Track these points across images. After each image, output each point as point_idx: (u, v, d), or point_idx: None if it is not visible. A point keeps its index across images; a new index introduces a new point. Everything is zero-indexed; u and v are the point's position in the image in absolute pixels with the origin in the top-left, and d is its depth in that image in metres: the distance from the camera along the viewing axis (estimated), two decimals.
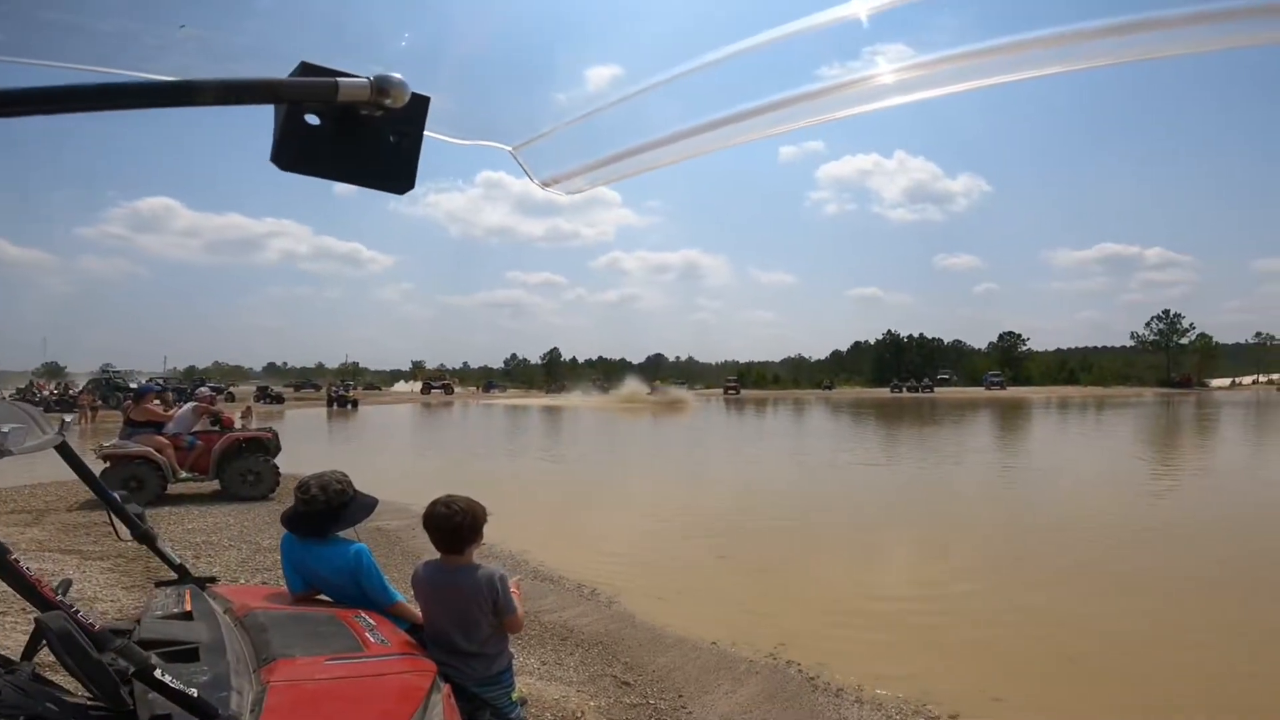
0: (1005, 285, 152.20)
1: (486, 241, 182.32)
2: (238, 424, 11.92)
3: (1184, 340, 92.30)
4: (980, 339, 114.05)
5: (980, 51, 1.19)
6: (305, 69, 0.89)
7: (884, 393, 78.77)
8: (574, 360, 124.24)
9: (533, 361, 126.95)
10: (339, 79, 0.88)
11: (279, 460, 11.27)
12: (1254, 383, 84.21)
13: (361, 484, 2.96)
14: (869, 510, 11.93)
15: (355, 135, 0.93)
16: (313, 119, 0.91)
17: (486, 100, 1.55)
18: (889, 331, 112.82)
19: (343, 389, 56.63)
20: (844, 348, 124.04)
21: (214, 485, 10.88)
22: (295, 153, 0.91)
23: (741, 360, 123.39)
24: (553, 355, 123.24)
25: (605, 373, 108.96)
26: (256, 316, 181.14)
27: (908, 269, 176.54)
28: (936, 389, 78.09)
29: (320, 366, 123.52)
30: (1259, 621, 6.19)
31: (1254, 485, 14.80)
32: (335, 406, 49.09)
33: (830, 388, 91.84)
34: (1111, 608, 6.55)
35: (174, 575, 2.69)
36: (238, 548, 7.76)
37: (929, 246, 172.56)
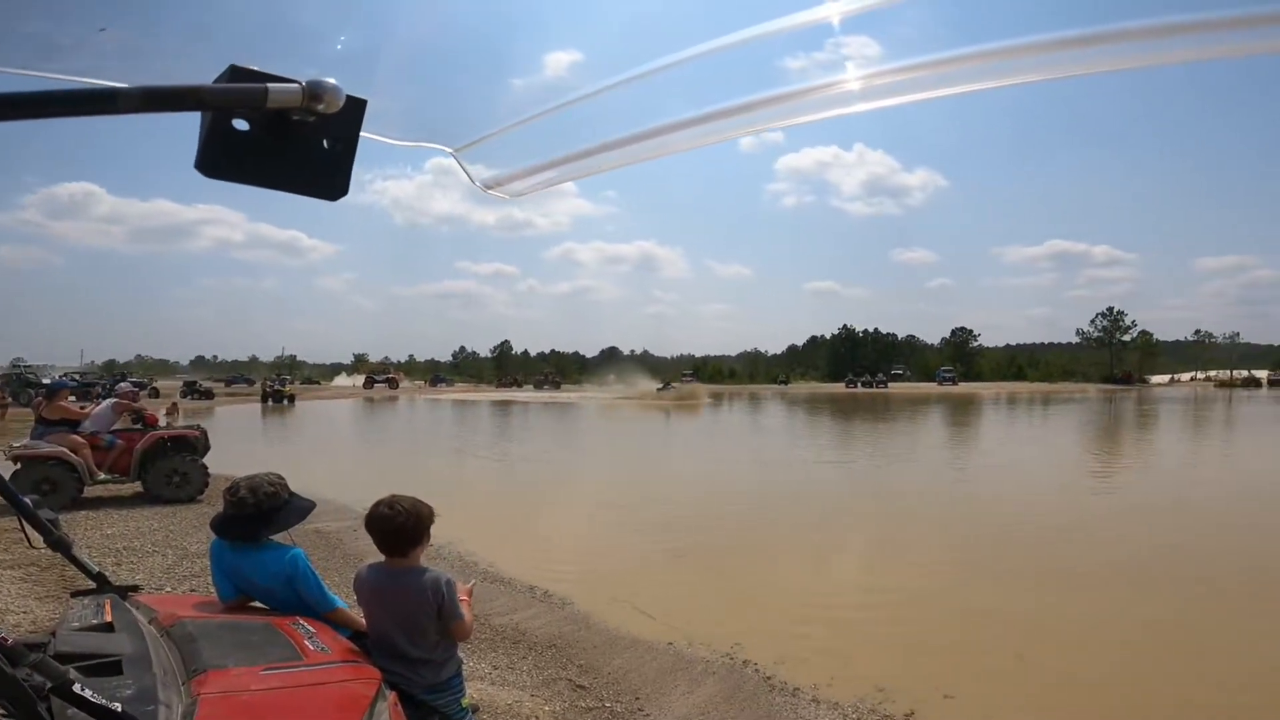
0: (959, 280, 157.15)
1: (435, 230, 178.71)
2: (162, 421, 11.44)
3: (1126, 337, 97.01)
4: (934, 334, 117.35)
5: (946, 60, 1.22)
6: (234, 73, 0.87)
7: (839, 388, 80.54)
8: (526, 353, 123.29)
9: (482, 354, 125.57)
10: (269, 85, 0.86)
11: (208, 460, 10.85)
12: (1192, 379, 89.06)
13: (299, 484, 2.86)
14: (824, 509, 12.16)
15: (286, 141, 0.92)
16: (241, 124, 0.89)
17: (435, 95, 1.53)
18: (845, 326, 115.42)
19: (279, 384, 54.89)
20: (800, 342, 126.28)
21: (136, 487, 10.41)
22: (221, 160, 0.90)
23: (697, 354, 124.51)
24: (504, 348, 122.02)
25: (558, 366, 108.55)
26: (185, 308, 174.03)
27: (864, 263, 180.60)
28: (890, 384, 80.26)
29: (254, 360, 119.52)
30: (1201, 616, 6.53)
31: (1190, 482, 15.66)
32: (270, 402, 47.55)
33: (786, 383, 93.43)
34: (1057, 604, 6.82)
35: (92, 584, 2.58)
36: (162, 554, 7.45)
37: (885, 240, 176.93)
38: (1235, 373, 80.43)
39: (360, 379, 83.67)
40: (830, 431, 28.53)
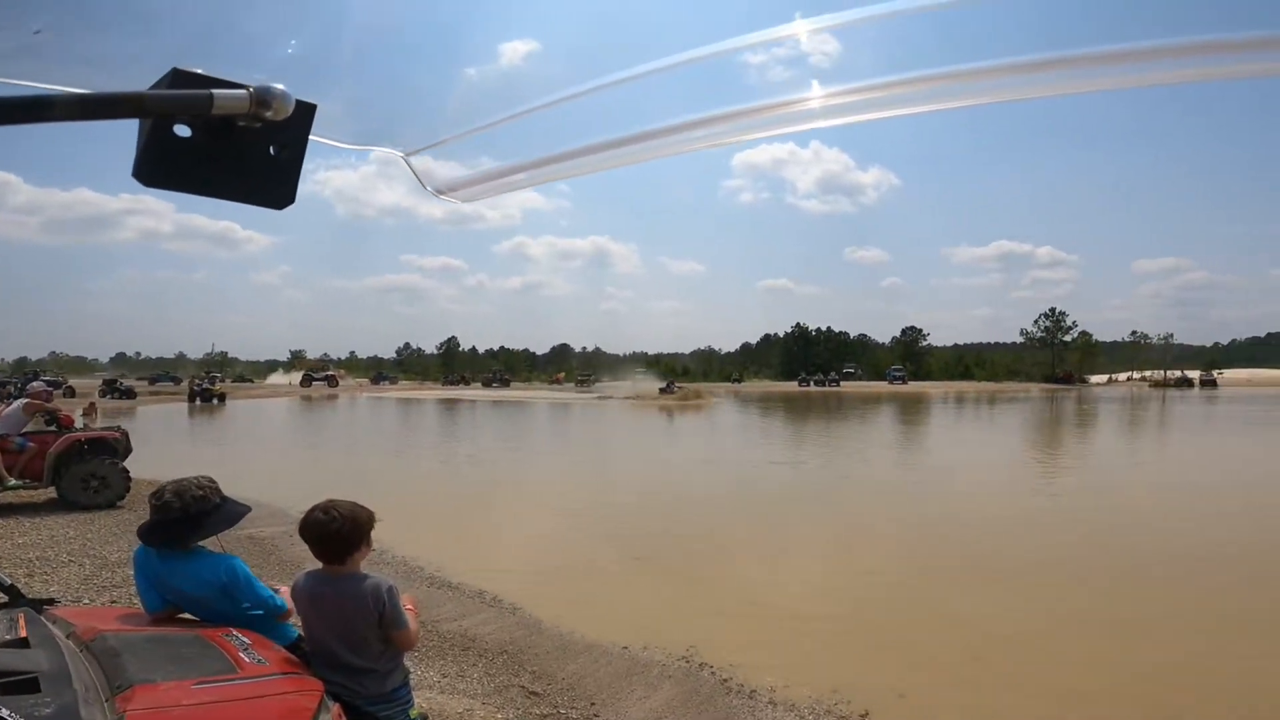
0: (910, 280, 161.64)
1: (380, 222, 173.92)
2: (78, 423, 10.90)
3: (1068, 338, 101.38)
4: (885, 333, 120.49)
5: (905, 81, 1.26)
6: (177, 77, 0.84)
7: (792, 386, 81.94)
8: (474, 350, 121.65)
9: (428, 351, 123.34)
10: (214, 91, 0.83)
11: (129, 463, 10.37)
12: (1128, 379, 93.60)
13: (229, 488, 2.76)
14: (779, 509, 12.35)
15: (230, 147, 0.89)
16: (183, 130, 0.86)
17: (387, 93, 1.50)
18: (798, 324, 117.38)
19: (207, 382, 52.82)
20: (754, 340, 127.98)
21: (50, 493, 9.90)
22: (161, 168, 0.87)
23: (650, 352, 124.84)
24: (450, 345, 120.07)
25: (508, 364, 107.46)
26: (106, 303, 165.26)
27: (818, 261, 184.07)
28: (842, 383, 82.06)
29: (182, 357, 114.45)
30: (1152, 612, 6.85)
31: (1131, 482, 16.47)
32: (198, 402, 45.70)
33: (739, 381, 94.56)
34: (1011, 603, 7.05)
35: (3, 598, 2.48)
36: (79, 564, 7.09)
37: (839, 239, 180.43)
38: (1169, 373, 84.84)
39: (297, 377, 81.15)
40: (784, 431, 28.99)
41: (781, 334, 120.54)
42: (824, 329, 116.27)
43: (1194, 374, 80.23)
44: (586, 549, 9.12)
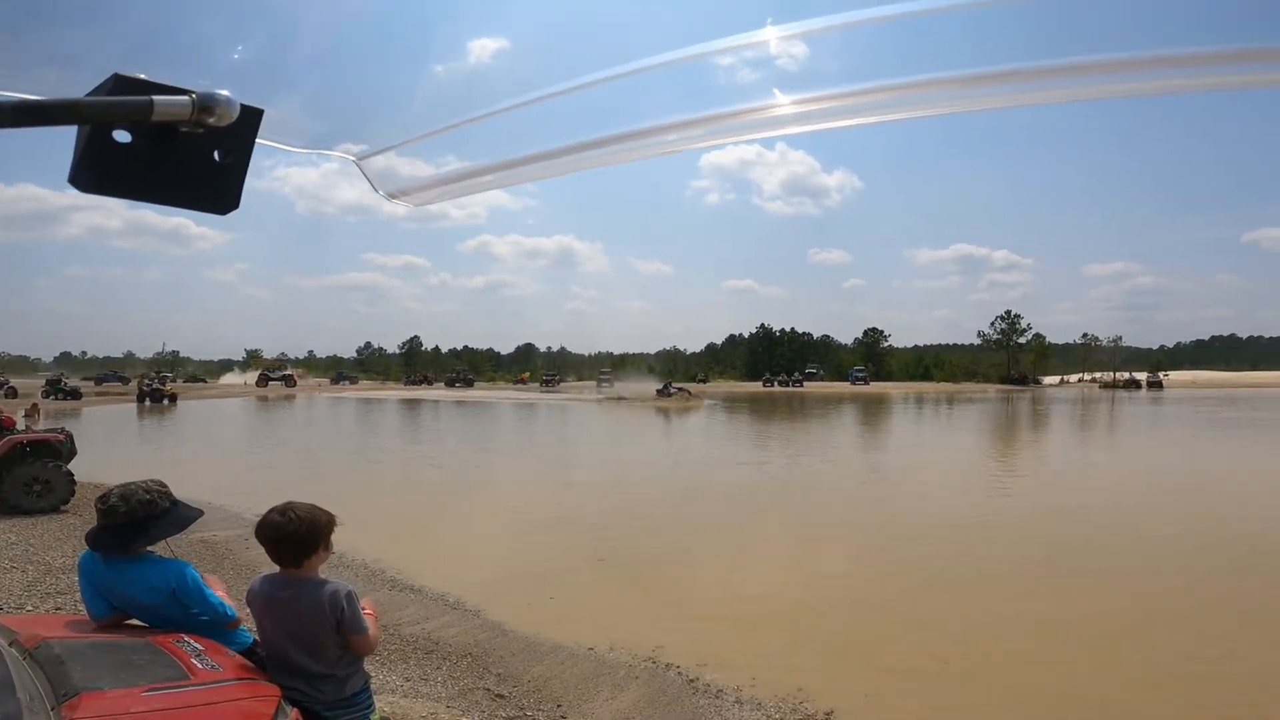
0: (872, 281, 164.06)
1: (341, 220, 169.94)
2: (20, 424, 10.50)
3: (1022, 340, 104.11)
4: (847, 334, 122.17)
5: (872, 90, 1.28)
6: (118, 82, 0.82)
7: (757, 386, 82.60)
8: (436, 349, 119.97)
9: (390, 350, 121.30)
10: (155, 97, 0.80)
11: (74, 466, 9.99)
12: (1080, 380, 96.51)
13: (179, 489, 2.68)
14: (744, 510, 12.43)
15: (172, 153, 0.88)
16: (122, 135, 0.84)
17: (344, 92, 1.49)
18: (762, 325, 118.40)
19: (157, 382, 51.08)
20: (719, 340, 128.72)
21: None
22: (99, 174, 0.85)
23: (616, 351, 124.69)
24: (413, 344, 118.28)
25: (472, 364, 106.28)
26: (52, 301, 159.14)
27: (783, 262, 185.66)
28: (805, 383, 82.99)
29: (130, 357, 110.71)
30: (1112, 614, 7.02)
31: (1086, 481, 16.99)
32: (148, 402, 44.17)
33: (705, 381, 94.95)
34: (969, 604, 7.20)
35: None
36: (22, 569, 6.83)
37: (803, 240, 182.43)
38: (1118, 375, 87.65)
39: (253, 376, 79.05)
40: (748, 431, 29.21)
41: (746, 334, 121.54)
42: (788, 330, 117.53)
43: (1141, 376, 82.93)
44: (546, 549, 9.07)
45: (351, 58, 1.47)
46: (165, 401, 44.88)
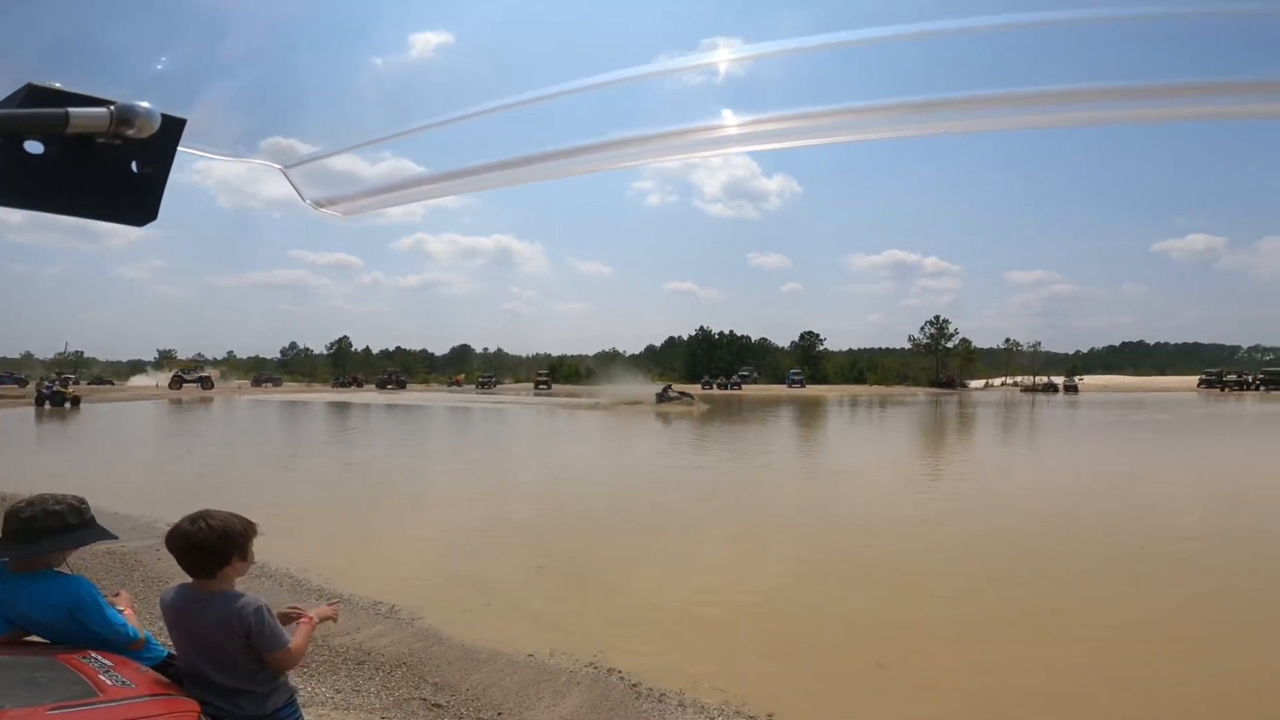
0: (808, 285, 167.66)
1: (267, 215, 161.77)
2: None
3: (950, 344, 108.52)
4: (784, 337, 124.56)
5: (829, 112, 1.33)
6: (32, 93, 0.79)
7: (695, 389, 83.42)
8: (367, 350, 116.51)
9: (316, 351, 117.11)
10: (71, 109, 0.78)
11: None
12: (1003, 384, 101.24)
13: (82, 496, 2.50)
14: (685, 513, 12.49)
15: (88, 164, 0.84)
16: (35, 146, 0.81)
17: (274, 96, 1.44)
18: (701, 327, 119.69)
19: (58, 383, 47.81)
20: (658, 342, 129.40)
21: None
22: (8, 185, 0.82)
23: (555, 353, 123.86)
24: (341, 344, 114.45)
25: (404, 365, 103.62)
26: None
27: (723, 265, 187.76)
28: (743, 385, 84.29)
29: (29, 357, 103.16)
30: (1039, 612, 7.32)
31: (1012, 482, 17.77)
32: (48, 405, 41.28)
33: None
34: (907, 604, 7.37)
35: None
36: None
37: (743, 244, 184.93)
38: (1038, 378, 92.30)
39: (165, 378, 74.93)
40: (688, 434, 29.42)
41: (686, 337, 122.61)
42: (727, 332, 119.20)
43: (1059, 380, 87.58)
44: (480, 554, 8.89)
45: (282, 57, 1.41)
46: (67, 405, 42.00)
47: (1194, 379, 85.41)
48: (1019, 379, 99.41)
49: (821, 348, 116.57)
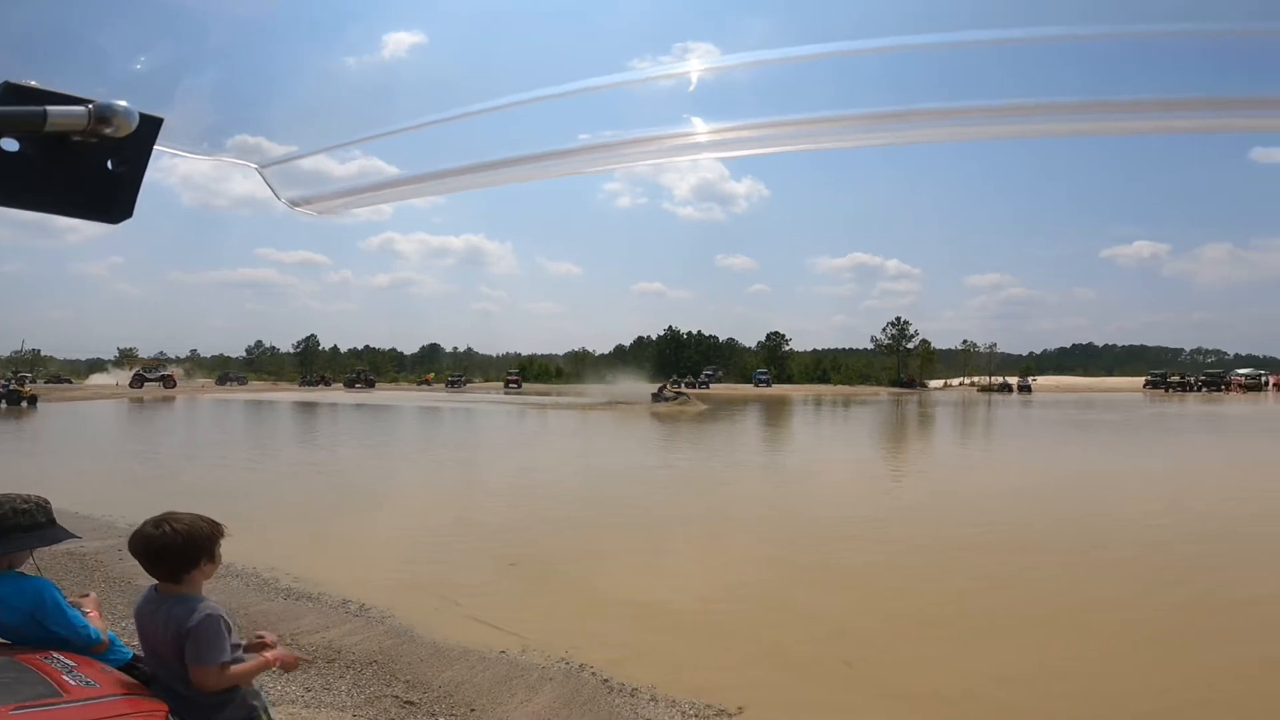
0: (775, 287, 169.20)
1: (234, 214, 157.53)
2: None
3: (911, 345, 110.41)
4: (751, 337, 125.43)
5: (794, 122, 1.36)
6: (8, 90, 0.79)
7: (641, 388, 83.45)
8: (335, 349, 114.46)
9: (283, 350, 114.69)
10: (49, 108, 0.78)
11: None
12: (960, 384, 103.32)
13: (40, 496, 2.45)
14: (654, 511, 12.50)
15: (64, 162, 0.84)
16: (10, 143, 0.80)
17: (249, 91, 1.44)
18: (670, 328, 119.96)
19: (15, 382, 46.08)
20: (627, 342, 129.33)
21: None
22: None
23: (525, 352, 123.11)
24: (309, 343, 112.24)
25: (373, 364, 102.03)
26: None
27: (691, 266, 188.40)
28: (711, 385, 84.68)
29: None
30: (997, 608, 7.46)
31: (973, 481, 18.17)
32: (4, 405, 39.80)
33: (612, 383, 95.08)
34: (868, 602, 7.44)
35: None
36: None
37: (711, 245, 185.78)
38: (993, 379, 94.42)
39: (126, 376, 72.68)
40: (656, 433, 29.50)
41: (654, 336, 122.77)
42: (694, 332, 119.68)
43: (1013, 380, 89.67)
44: (450, 552, 8.82)
45: (258, 56, 1.41)
46: (24, 404, 40.57)
47: (1140, 380, 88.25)
48: (976, 379, 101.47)
49: (787, 348, 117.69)
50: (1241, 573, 8.31)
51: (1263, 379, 77.12)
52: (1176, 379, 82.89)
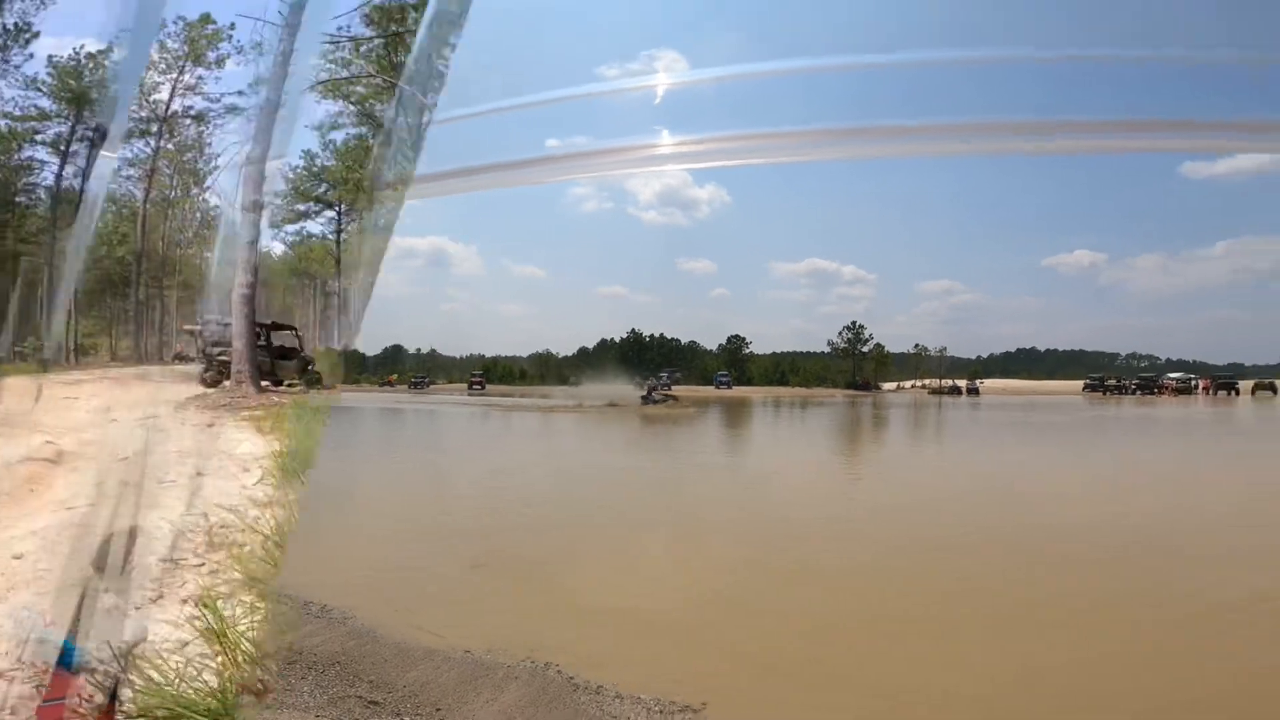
0: (735, 291, 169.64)
1: None
2: None
3: (865, 349, 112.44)
4: (713, 340, 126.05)
5: (760, 135, 1.39)
6: None
7: (629, 389, 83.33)
8: None
9: None
10: None
11: None
12: (913, 386, 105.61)
13: None
14: (620, 511, 12.44)
15: None
16: None
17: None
18: (633, 330, 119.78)
19: None
20: (591, 345, 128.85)
21: None
22: None
23: (489, 354, 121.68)
24: None
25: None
26: None
27: (653, 270, 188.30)
28: (674, 386, 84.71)
29: None
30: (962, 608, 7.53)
31: (937, 479, 18.61)
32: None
33: (578, 384, 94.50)
34: (834, 601, 7.43)
35: None
36: None
37: (674, 250, 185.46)
38: (944, 381, 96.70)
39: None
40: (622, 433, 29.48)
41: (618, 339, 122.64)
42: (657, 335, 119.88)
43: (962, 383, 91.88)
44: (413, 552, 8.73)
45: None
46: None
47: (1080, 384, 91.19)
48: (927, 382, 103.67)
49: (747, 351, 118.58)
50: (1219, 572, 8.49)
51: (1193, 383, 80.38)
52: (1113, 382, 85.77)
